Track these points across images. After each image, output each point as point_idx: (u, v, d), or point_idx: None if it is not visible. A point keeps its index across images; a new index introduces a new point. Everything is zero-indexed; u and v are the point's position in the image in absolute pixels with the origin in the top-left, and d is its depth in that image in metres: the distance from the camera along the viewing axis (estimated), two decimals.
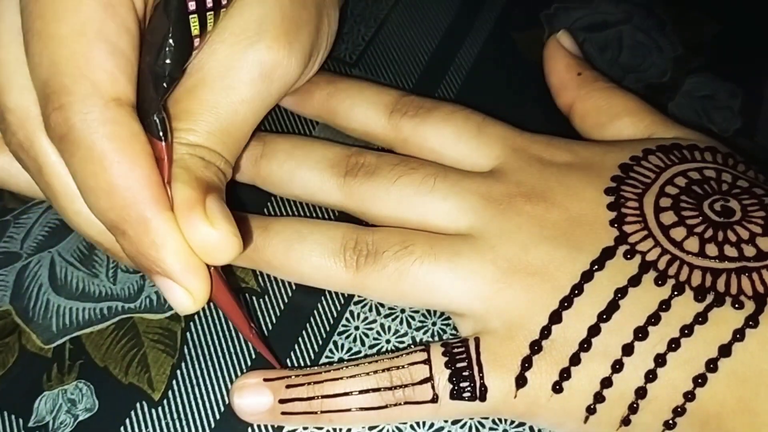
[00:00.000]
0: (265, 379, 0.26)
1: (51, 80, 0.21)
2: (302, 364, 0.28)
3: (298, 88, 0.32)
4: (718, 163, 0.28)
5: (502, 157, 0.29)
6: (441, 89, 0.35)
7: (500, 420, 0.27)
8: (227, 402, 0.27)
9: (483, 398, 0.25)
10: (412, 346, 0.28)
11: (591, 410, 0.25)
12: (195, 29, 0.23)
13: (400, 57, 0.36)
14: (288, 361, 0.28)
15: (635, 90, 0.33)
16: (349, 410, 0.25)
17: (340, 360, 0.28)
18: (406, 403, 0.25)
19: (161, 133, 0.22)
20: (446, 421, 0.27)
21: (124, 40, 0.22)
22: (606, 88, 0.32)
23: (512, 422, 0.27)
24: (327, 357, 0.28)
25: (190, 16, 0.23)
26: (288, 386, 0.26)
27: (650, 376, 0.24)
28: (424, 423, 0.27)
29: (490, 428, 0.27)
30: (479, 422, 0.27)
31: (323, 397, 0.25)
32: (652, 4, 0.39)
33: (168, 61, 0.23)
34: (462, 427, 0.27)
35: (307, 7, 0.28)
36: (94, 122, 0.21)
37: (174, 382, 0.27)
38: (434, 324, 0.29)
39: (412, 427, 0.27)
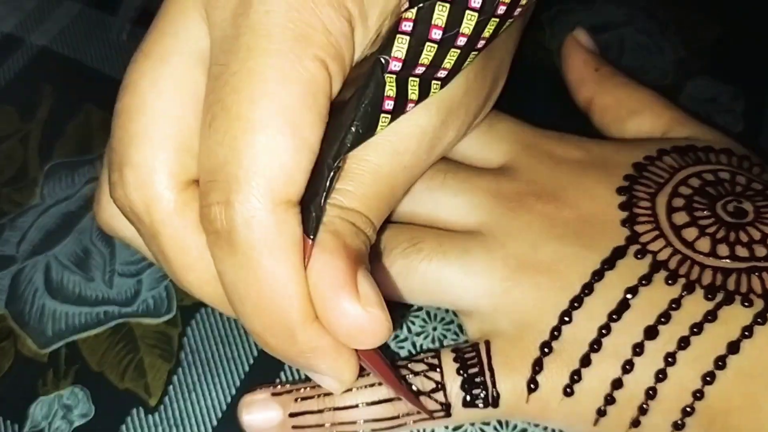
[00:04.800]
0: (273, 394, 0.26)
1: (225, 167, 0.19)
2: None
3: None
4: (733, 165, 0.28)
5: (512, 153, 0.29)
6: None
7: (501, 425, 0.27)
8: (224, 408, 0.27)
9: (495, 405, 0.25)
10: (412, 351, 0.28)
11: (601, 412, 0.24)
12: (382, 126, 0.22)
13: None
14: (287, 365, 0.28)
15: None
16: (360, 422, 0.25)
17: None
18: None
19: (312, 234, 0.21)
20: (447, 427, 0.27)
21: (315, 134, 0.20)
22: (625, 83, 0.32)
23: (514, 427, 0.27)
24: None
25: (381, 115, 0.21)
26: (297, 399, 0.25)
27: (660, 375, 0.24)
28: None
29: None
30: (480, 428, 0.27)
31: (335, 409, 0.25)
32: (654, 6, 0.39)
33: (341, 156, 0.21)
34: None
35: (487, 78, 0.27)
36: (258, 227, 0.19)
37: (170, 387, 0.27)
38: (435, 329, 0.29)
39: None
